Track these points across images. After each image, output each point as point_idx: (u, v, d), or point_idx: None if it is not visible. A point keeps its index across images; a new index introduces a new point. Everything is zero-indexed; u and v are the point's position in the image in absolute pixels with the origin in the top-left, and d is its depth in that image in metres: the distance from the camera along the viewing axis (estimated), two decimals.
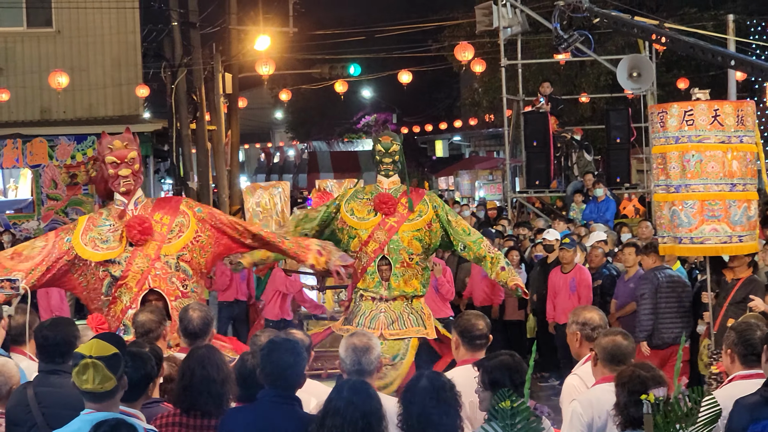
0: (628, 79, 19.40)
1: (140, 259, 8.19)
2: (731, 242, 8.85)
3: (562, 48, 18.96)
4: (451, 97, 50.51)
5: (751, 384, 5.44)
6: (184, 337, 6.34)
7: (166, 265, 8.17)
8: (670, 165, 8.98)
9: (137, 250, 8.17)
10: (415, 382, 4.75)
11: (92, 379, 4.58)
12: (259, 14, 31.13)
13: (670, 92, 28.35)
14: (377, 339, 5.64)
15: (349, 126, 57.15)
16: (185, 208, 8.40)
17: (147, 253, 8.19)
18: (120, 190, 8.29)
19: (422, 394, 4.65)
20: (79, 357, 4.65)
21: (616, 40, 28.16)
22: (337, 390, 4.64)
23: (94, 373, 4.58)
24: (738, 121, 8.88)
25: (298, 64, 39.43)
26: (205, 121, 30.36)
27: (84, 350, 4.67)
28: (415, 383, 4.74)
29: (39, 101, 26.93)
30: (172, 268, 8.18)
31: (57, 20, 27.31)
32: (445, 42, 33.87)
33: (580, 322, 6.10)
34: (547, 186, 20.95)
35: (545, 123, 20.67)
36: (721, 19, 24.91)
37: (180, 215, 8.35)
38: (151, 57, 32.64)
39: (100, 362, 4.60)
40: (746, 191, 8.87)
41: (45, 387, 5.49)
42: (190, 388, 5.13)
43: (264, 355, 5.07)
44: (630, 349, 5.57)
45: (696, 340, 10.74)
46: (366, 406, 4.53)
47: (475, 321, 6.18)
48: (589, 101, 30.43)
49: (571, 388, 5.93)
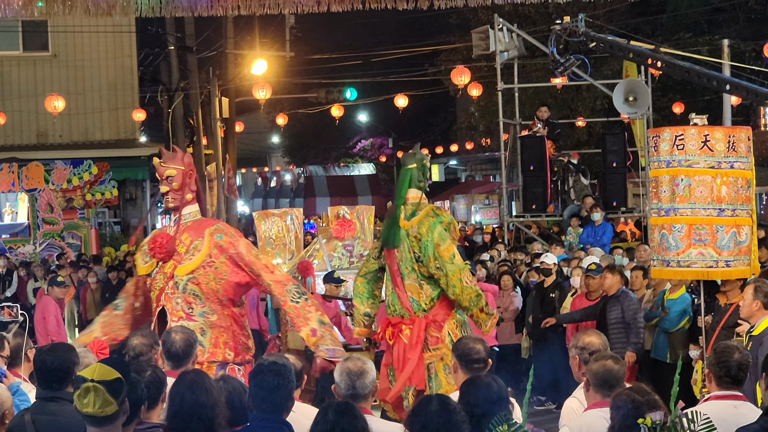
0: (624, 103, 19.46)
1: (160, 275, 8.33)
2: (717, 267, 8.87)
3: (558, 72, 19.04)
4: (447, 121, 50.63)
5: (724, 405, 5.55)
6: (167, 359, 6.32)
7: (175, 285, 8.22)
8: (661, 189, 9.02)
9: (161, 267, 8.27)
10: (425, 406, 4.67)
11: (93, 403, 4.55)
12: (256, 38, 31.23)
13: (665, 116, 28.42)
14: (371, 363, 5.63)
15: (345, 150, 57.23)
16: (208, 232, 8.42)
17: (165, 270, 8.29)
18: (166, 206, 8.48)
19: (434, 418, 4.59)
20: (81, 380, 4.62)
21: (612, 65, 28.25)
22: (322, 412, 4.61)
23: (95, 397, 4.55)
24: (729, 146, 8.89)
25: (295, 88, 39.52)
26: (201, 145, 30.40)
27: (86, 374, 4.64)
28: (425, 407, 4.66)
29: (35, 125, 27.00)
30: (179, 289, 8.24)
31: (53, 44, 27.40)
32: (442, 66, 33.98)
33: (579, 346, 6.12)
34: (544, 210, 20.95)
35: (542, 147, 20.69)
36: (716, 44, 25.00)
37: (199, 238, 8.39)
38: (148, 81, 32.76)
39: (101, 386, 4.56)
40: (735, 216, 8.87)
41: (43, 414, 5.47)
42: (180, 413, 5.10)
43: (250, 378, 5.07)
44: (621, 373, 5.57)
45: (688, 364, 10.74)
46: (351, 427, 4.50)
47: (473, 345, 6.16)
48: (585, 125, 30.49)
49: (570, 411, 5.94)
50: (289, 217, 14.87)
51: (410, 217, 9.11)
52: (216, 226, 8.59)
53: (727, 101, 21.97)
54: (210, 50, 31.62)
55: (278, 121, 36.79)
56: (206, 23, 29.95)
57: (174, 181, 8.44)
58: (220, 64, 31.06)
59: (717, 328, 9.58)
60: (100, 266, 20.07)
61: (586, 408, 5.64)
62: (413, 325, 8.98)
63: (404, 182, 9.28)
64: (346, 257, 14.41)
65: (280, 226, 14.70)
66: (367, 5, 12.63)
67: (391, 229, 9.12)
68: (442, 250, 8.95)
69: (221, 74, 30.52)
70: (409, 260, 9.04)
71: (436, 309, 9.06)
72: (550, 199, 21.04)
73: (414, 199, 9.22)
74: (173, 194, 8.45)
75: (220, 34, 30.55)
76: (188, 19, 28.94)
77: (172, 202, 8.46)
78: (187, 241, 8.38)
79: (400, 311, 9.10)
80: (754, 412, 5.42)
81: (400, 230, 9.06)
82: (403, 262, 9.07)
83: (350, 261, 14.29)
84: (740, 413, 5.46)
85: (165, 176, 8.46)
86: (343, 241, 14.40)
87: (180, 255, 8.32)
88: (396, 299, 9.12)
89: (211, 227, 8.51)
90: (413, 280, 9.05)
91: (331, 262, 14.14)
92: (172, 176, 8.43)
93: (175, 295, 8.22)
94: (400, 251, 9.08)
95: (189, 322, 7.97)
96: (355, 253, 14.39)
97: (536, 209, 20.87)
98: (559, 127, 22.37)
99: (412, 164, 9.33)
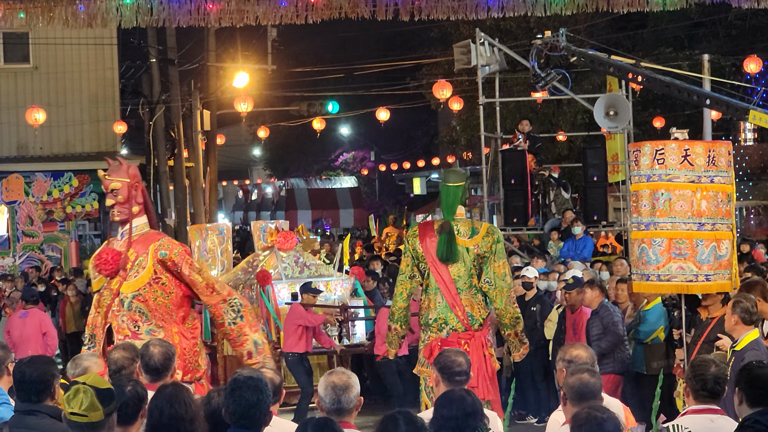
0: (605, 117, 19.52)
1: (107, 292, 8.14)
2: (697, 281, 8.92)
3: (539, 86, 19.09)
4: (429, 135, 50.67)
5: (701, 419, 5.58)
6: (145, 373, 6.28)
7: (121, 303, 8.07)
8: (641, 203, 9.07)
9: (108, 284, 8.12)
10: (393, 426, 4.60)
11: (79, 404, 4.54)
12: (238, 51, 31.24)
13: (646, 131, 28.54)
14: (356, 377, 5.61)
15: (327, 163, 57.19)
16: (152, 248, 8.27)
17: (111, 287, 8.12)
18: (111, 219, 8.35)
19: None
20: (72, 384, 4.64)
21: (592, 79, 28.36)
22: (301, 428, 4.58)
23: (83, 397, 4.56)
24: (709, 161, 8.94)
25: (277, 101, 39.51)
26: (183, 157, 30.34)
27: (80, 379, 4.70)
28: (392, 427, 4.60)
29: (15, 137, 26.87)
30: (125, 306, 8.08)
31: (34, 56, 27.31)
32: (423, 80, 34.01)
33: (566, 359, 6.14)
34: (525, 224, 20.98)
35: (523, 161, 20.74)
36: (697, 59, 25.20)
37: (144, 254, 8.23)
38: (129, 93, 32.68)
39: (91, 389, 4.57)
40: (715, 230, 8.91)
41: (21, 428, 5.42)
42: (159, 427, 5.08)
43: (227, 394, 5.00)
44: (597, 386, 5.55)
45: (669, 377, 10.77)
46: None
47: (455, 357, 6.18)
48: (566, 139, 30.58)
49: (555, 424, 5.95)
50: (221, 230, 15.72)
51: (472, 235, 9.34)
52: (161, 242, 8.42)
53: (707, 116, 22.11)
54: (192, 63, 31.57)
55: (260, 134, 36.78)
56: (188, 36, 29.96)
57: (119, 194, 8.25)
58: (201, 76, 31.04)
59: (698, 342, 9.60)
60: (81, 278, 19.98)
61: (563, 422, 5.64)
62: (472, 341, 9.13)
63: (456, 199, 9.52)
64: (295, 267, 15.05)
65: (213, 240, 15.44)
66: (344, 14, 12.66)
67: (450, 246, 9.25)
68: (497, 267, 9.31)
69: (203, 87, 30.50)
70: (468, 276, 9.25)
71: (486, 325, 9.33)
72: (531, 213, 21.08)
73: (460, 216, 9.53)
74: (119, 207, 8.26)
75: (202, 47, 30.53)
76: (170, 31, 28.93)
77: (118, 215, 8.28)
78: (133, 256, 8.22)
79: (454, 326, 9.19)
80: (732, 424, 5.45)
81: (457, 246, 9.23)
82: (461, 277, 9.25)
83: (299, 270, 15.02)
84: (717, 426, 5.48)
85: (110, 189, 8.26)
86: (287, 253, 15.01)
87: (125, 271, 8.14)
88: (449, 314, 9.22)
89: (155, 243, 8.34)
90: (471, 296, 9.27)
91: (285, 272, 14.84)
92: (117, 189, 8.24)
93: (121, 312, 8.05)
94: (456, 266, 9.25)
95: (135, 340, 7.79)
96: (300, 263, 15.11)
97: (517, 223, 20.89)
98: (540, 141, 22.43)
99: (461, 182, 9.62)
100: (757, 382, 5.36)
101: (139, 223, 8.38)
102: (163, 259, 8.22)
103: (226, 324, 8.28)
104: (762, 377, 5.38)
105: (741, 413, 5.38)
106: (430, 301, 9.34)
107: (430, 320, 9.27)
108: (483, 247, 9.27)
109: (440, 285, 9.26)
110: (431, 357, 8.90)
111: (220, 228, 15.86)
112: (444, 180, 9.82)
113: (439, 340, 9.14)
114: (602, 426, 4.65)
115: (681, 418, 5.77)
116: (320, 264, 15.58)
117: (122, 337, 7.94)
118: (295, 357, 13.36)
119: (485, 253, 9.26)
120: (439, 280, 9.26)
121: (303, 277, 14.73)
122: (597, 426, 4.67)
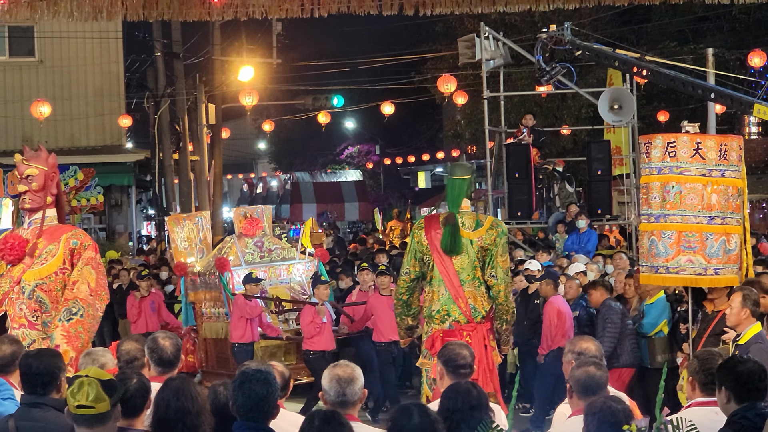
0: (609, 111, 19.52)
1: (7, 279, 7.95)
2: (706, 274, 8.91)
3: (544, 80, 19.07)
4: (433, 129, 50.65)
5: (706, 411, 5.60)
6: (156, 365, 6.27)
7: (21, 290, 7.88)
8: (652, 195, 9.05)
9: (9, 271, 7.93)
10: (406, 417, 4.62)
11: (86, 396, 4.56)
12: (243, 45, 31.23)
13: (650, 124, 28.49)
14: (360, 370, 5.62)
15: (332, 157, 57.20)
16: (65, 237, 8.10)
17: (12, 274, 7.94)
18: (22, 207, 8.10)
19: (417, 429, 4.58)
20: (75, 377, 4.66)
21: (597, 73, 28.31)
22: (308, 420, 4.60)
23: (88, 389, 4.58)
24: (720, 155, 8.93)
25: (282, 95, 39.52)
26: (188, 151, 30.37)
27: (82, 373, 4.73)
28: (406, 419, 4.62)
29: (21, 131, 26.89)
30: (25, 295, 7.88)
31: (39, 50, 27.34)
32: (428, 74, 34.00)
33: (576, 351, 6.16)
34: (529, 217, 20.98)
35: (527, 155, 20.73)
36: (701, 53, 25.13)
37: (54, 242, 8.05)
38: (134, 87, 32.72)
39: (96, 380, 4.60)
40: (725, 224, 8.91)
41: (27, 421, 5.43)
42: (165, 420, 5.09)
43: (236, 387, 5.02)
44: (603, 379, 5.58)
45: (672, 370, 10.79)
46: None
47: (459, 350, 6.21)
48: (570, 133, 30.56)
49: (561, 417, 5.96)
50: (198, 219, 16.09)
51: (476, 227, 9.31)
52: (74, 232, 8.30)
53: (711, 110, 22.06)
54: (197, 56, 31.59)
55: (265, 128, 36.77)
56: (193, 30, 29.99)
57: (34, 181, 8.07)
58: (206, 70, 31.03)
59: (704, 335, 9.61)
60: None
61: (569, 415, 5.66)
62: (474, 333, 9.10)
63: (462, 192, 9.51)
64: (257, 252, 15.41)
65: (191, 228, 15.77)
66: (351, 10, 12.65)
67: (454, 237, 9.25)
68: (501, 261, 9.28)
69: (208, 80, 30.50)
70: (471, 268, 9.22)
71: (488, 317, 9.30)
72: (536, 207, 21.08)
73: (465, 209, 9.48)
74: (32, 195, 8.07)
75: (207, 41, 30.52)
76: (175, 25, 28.96)
77: (29, 203, 8.09)
78: (42, 245, 8.03)
79: (456, 317, 9.18)
80: None
81: (461, 238, 9.24)
82: (464, 269, 9.22)
83: (261, 255, 15.39)
84: (721, 419, 5.48)
85: (25, 175, 8.05)
86: (252, 239, 15.43)
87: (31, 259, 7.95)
88: (452, 306, 9.19)
89: (68, 233, 8.21)
90: (474, 288, 9.23)
91: (245, 258, 15.17)
92: (33, 176, 8.05)
93: (20, 300, 7.86)
94: (460, 259, 9.23)
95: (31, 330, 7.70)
96: (264, 248, 15.51)
97: (521, 216, 20.90)
98: (544, 134, 22.42)
99: (467, 175, 9.60)
100: (742, 378, 5.36)
101: (50, 214, 8.21)
102: (74, 248, 8.07)
103: (57, 318, 7.97)
104: (746, 373, 5.38)
105: (728, 412, 5.39)
106: (433, 292, 9.33)
107: (433, 312, 9.26)
108: (487, 240, 9.23)
109: (444, 277, 9.24)
110: (433, 349, 8.94)
111: (198, 217, 16.26)
112: (450, 173, 9.80)
113: (441, 331, 9.14)
114: (615, 415, 4.70)
115: (685, 410, 5.79)
116: (283, 248, 15.91)
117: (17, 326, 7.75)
118: (242, 347, 13.60)
119: (489, 245, 9.22)
120: (443, 271, 9.25)
121: (264, 262, 15.21)
122: (611, 414, 4.72)
